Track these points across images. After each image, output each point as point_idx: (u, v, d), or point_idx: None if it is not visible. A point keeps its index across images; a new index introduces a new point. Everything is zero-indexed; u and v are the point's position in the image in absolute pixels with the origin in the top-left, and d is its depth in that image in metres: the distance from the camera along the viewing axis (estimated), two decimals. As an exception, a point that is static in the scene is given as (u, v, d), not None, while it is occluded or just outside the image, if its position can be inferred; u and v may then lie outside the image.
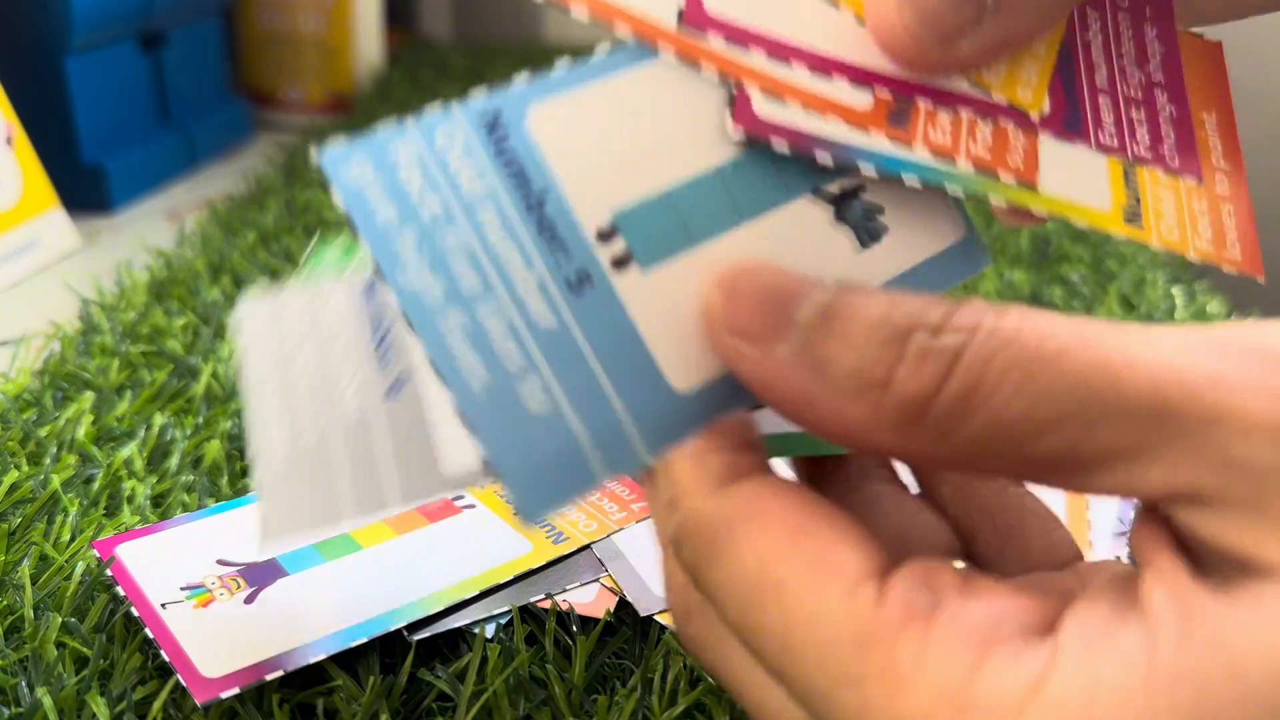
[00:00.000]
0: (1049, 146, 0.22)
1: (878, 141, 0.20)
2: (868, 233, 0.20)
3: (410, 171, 0.17)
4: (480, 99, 0.18)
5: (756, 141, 0.19)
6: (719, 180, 0.19)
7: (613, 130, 0.19)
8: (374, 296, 0.23)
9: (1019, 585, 0.17)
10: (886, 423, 0.16)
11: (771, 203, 0.20)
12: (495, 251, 0.17)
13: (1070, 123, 0.22)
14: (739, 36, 0.20)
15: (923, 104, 0.21)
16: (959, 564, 0.20)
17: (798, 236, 0.20)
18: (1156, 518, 0.16)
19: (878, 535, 0.18)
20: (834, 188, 0.20)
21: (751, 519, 0.17)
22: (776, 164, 0.20)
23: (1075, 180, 0.21)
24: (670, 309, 0.18)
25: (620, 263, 0.18)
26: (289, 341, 0.23)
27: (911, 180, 0.20)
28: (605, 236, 0.18)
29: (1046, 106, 0.22)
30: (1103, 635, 0.15)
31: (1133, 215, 0.21)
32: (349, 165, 0.17)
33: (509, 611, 0.28)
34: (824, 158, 0.19)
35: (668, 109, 0.19)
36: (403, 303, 0.17)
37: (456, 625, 0.28)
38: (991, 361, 0.16)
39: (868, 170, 0.19)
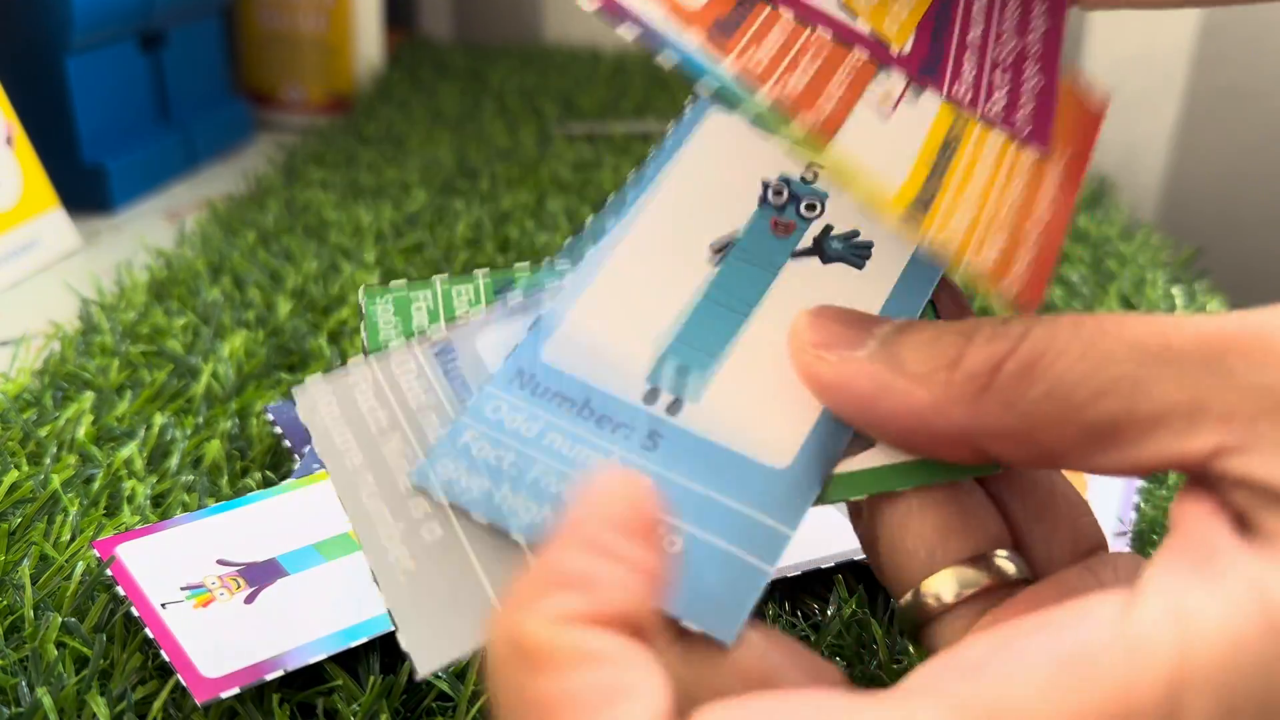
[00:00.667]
0: (865, 120, 0.21)
1: (689, 40, 0.20)
2: (856, 254, 0.23)
3: (481, 446, 0.21)
4: (503, 365, 0.21)
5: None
6: (710, 300, 0.22)
7: (610, 317, 0.22)
8: (449, 357, 0.22)
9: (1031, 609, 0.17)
10: (956, 395, 0.18)
11: (764, 286, 0.22)
12: (577, 460, 0.20)
13: (927, 67, 0.23)
14: None
15: (765, 15, 0.21)
16: (1002, 554, 0.21)
17: (803, 293, 0.22)
18: (1200, 492, 0.17)
19: (928, 527, 0.20)
20: (806, 241, 0.23)
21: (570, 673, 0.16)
22: (748, 258, 0.22)
23: (878, 153, 0.21)
24: (736, 412, 0.21)
25: (673, 408, 0.21)
26: (371, 426, 0.22)
27: (706, 89, 0.20)
28: (651, 399, 0.21)
29: (909, 46, 0.22)
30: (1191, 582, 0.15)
31: (923, 204, 0.21)
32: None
33: (509, 611, 0.28)
34: (631, 31, 0.20)
35: (642, 279, 0.22)
36: (527, 535, 0.20)
37: (456, 625, 0.28)
38: (1056, 334, 0.17)
39: (669, 61, 0.20)
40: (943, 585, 0.20)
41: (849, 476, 0.21)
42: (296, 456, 0.35)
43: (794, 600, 0.30)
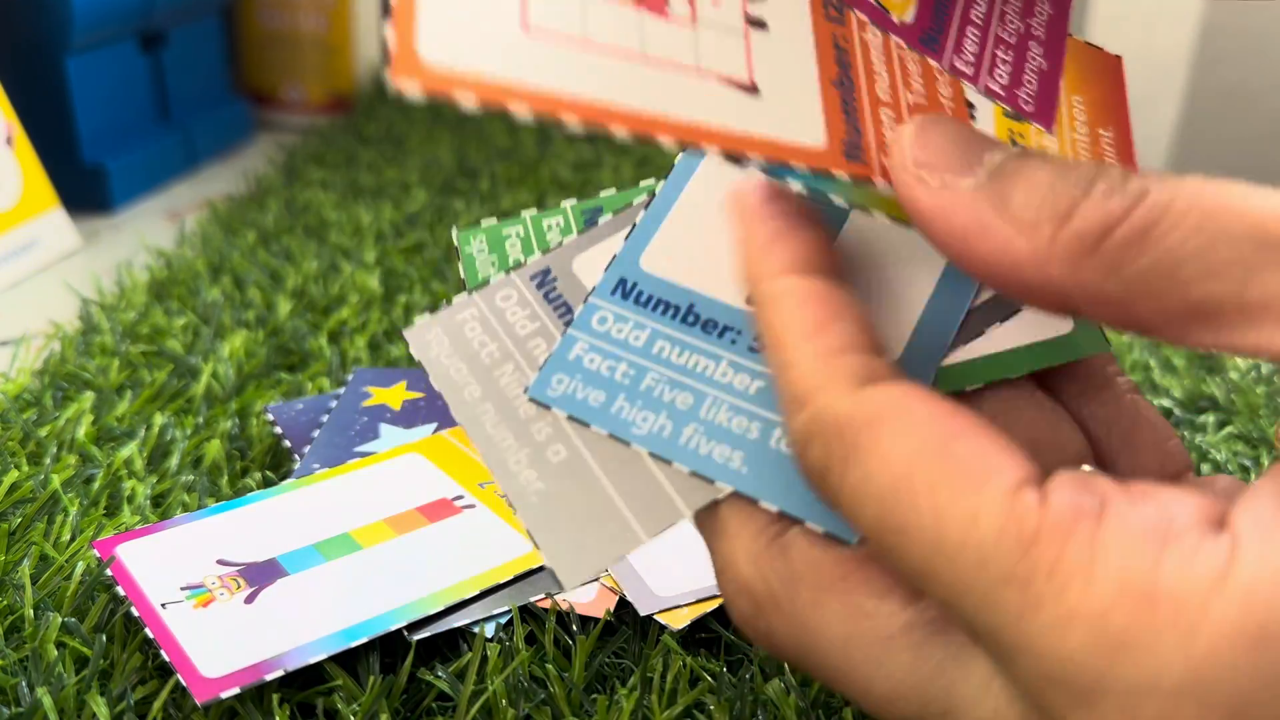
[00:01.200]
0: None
1: (840, 176, 0.20)
2: None
3: (593, 358, 0.21)
4: (603, 276, 0.22)
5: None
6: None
7: (704, 223, 0.22)
8: (549, 282, 0.23)
9: (1179, 486, 0.17)
10: (1059, 253, 0.17)
11: (836, 225, 0.22)
12: (687, 367, 0.21)
13: (927, 38, 0.22)
14: None
15: (868, 108, 0.21)
16: (1088, 469, 0.21)
17: (871, 243, 0.22)
18: None
19: (1017, 437, 0.19)
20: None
21: (899, 420, 0.17)
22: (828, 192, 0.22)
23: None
24: None
25: None
26: (483, 359, 0.22)
27: (845, 200, 0.20)
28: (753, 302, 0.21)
29: (911, 14, 0.22)
30: (1277, 524, 0.15)
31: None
32: None
33: (509, 611, 0.28)
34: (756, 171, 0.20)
35: (718, 191, 0.22)
36: (647, 445, 0.20)
37: (456, 625, 0.28)
38: (1174, 201, 0.16)
39: (798, 187, 0.20)
40: None
41: (960, 367, 0.21)
42: (296, 456, 0.35)
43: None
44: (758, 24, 0.20)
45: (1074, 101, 0.24)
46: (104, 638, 0.27)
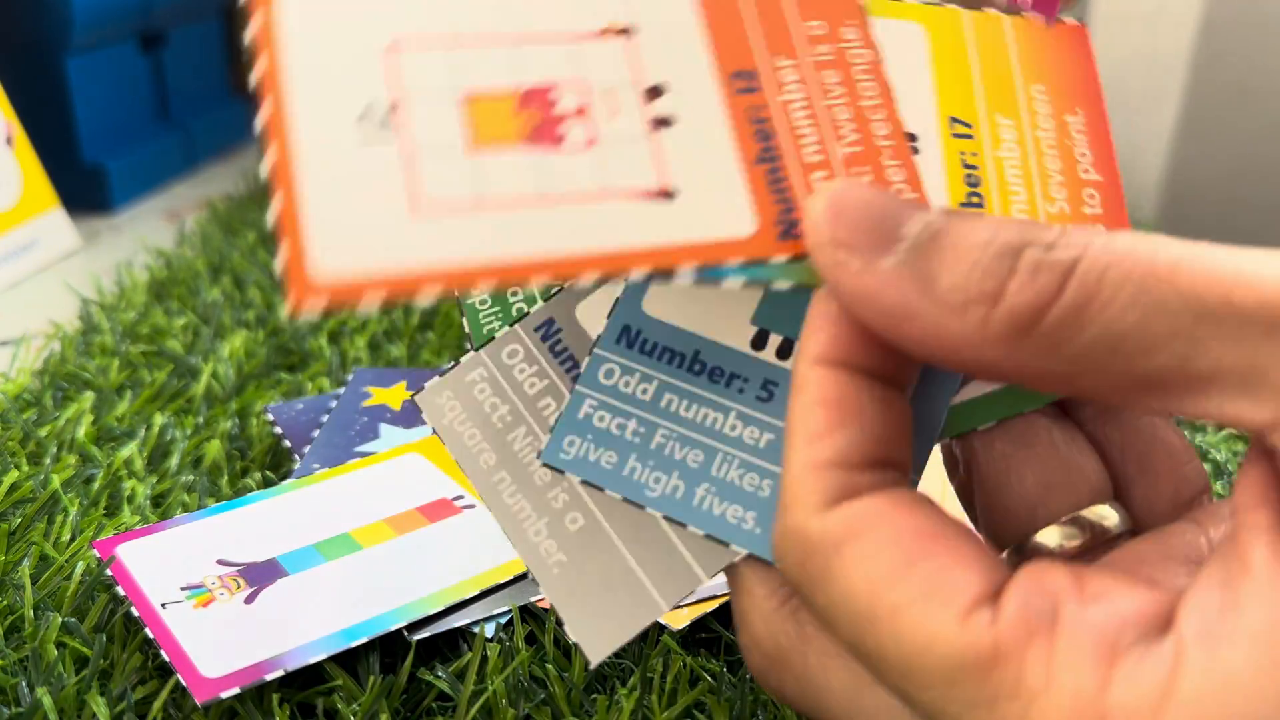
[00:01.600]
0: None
1: (776, 261, 0.19)
2: None
3: (601, 416, 0.21)
4: (607, 325, 0.21)
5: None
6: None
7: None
8: (553, 333, 0.23)
9: (1131, 572, 0.17)
10: (994, 336, 0.16)
11: None
12: (695, 422, 0.20)
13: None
14: None
15: (795, 172, 0.20)
16: (1103, 508, 0.21)
17: None
18: (1262, 463, 0.16)
19: (1028, 482, 0.19)
20: None
21: (860, 541, 0.17)
22: None
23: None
24: None
25: (783, 350, 0.21)
26: (495, 422, 0.22)
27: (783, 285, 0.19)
28: (759, 343, 0.21)
29: None
30: (1220, 624, 0.15)
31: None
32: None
33: (509, 611, 0.28)
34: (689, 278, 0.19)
35: None
36: (661, 508, 0.20)
37: (456, 625, 0.28)
38: (1106, 274, 0.16)
39: (737, 285, 0.19)
40: (1045, 540, 0.20)
41: (971, 404, 0.21)
42: (296, 457, 0.35)
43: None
44: (663, 122, 0.19)
45: (1034, 93, 0.23)
46: (104, 638, 0.27)
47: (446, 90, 0.18)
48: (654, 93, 0.19)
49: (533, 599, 0.29)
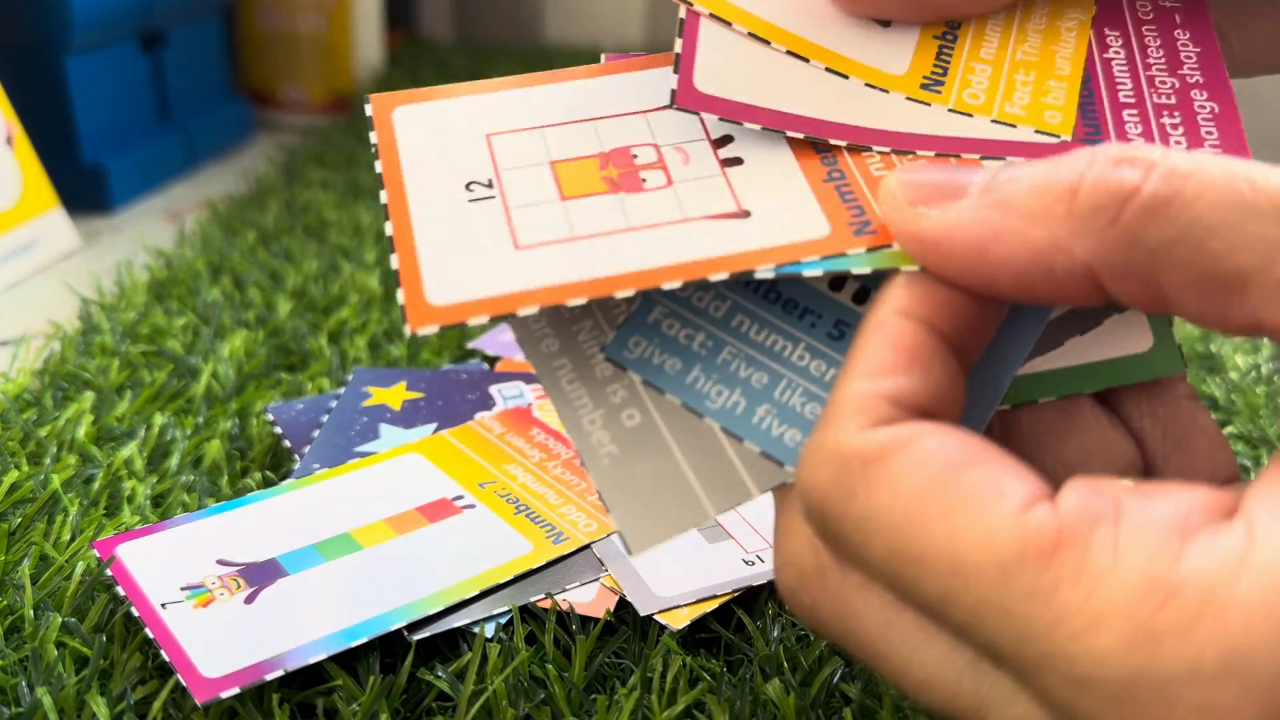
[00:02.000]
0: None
1: (855, 252, 0.20)
2: None
3: (671, 323, 0.21)
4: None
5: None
6: None
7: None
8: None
9: (1190, 482, 0.17)
10: (1078, 228, 0.17)
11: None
12: (764, 346, 0.21)
13: (1089, 142, 0.22)
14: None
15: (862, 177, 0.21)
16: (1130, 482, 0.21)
17: None
18: None
19: (1067, 450, 0.19)
20: None
21: (907, 450, 0.17)
22: None
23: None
24: None
25: (859, 296, 0.21)
26: (563, 312, 0.22)
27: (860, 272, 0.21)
28: (836, 285, 0.21)
29: (1069, 132, 0.22)
30: None
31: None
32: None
33: (509, 611, 0.28)
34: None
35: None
36: (720, 420, 0.20)
37: (456, 625, 0.28)
38: (1192, 172, 0.16)
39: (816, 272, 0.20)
40: None
41: (1034, 378, 0.21)
42: (296, 457, 0.35)
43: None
44: (734, 162, 0.21)
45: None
46: (104, 638, 0.27)
47: (538, 160, 0.21)
48: (723, 141, 0.22)
49: (533, 599, 0.29)
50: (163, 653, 0.26)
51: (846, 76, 0.22)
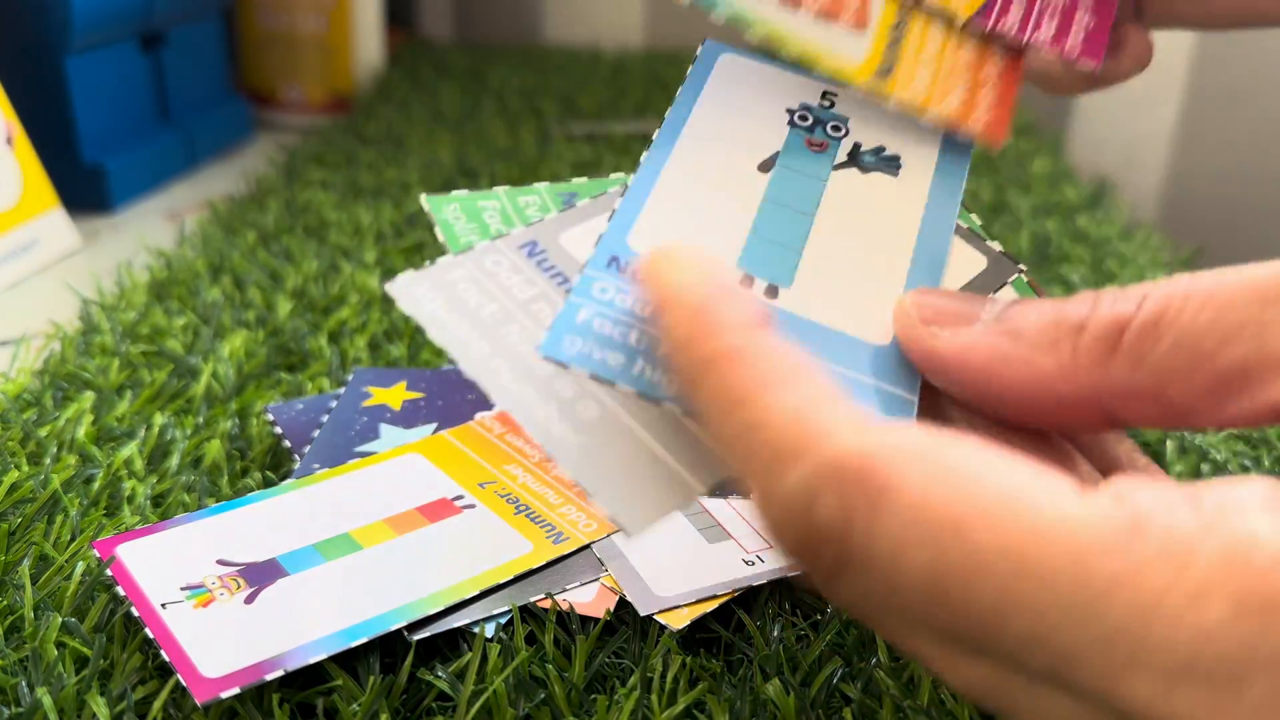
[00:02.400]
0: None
1: None
2: (888, 165, 0.25)
3: (602, 323, 0.21)
4: (594, 251, 0.22)
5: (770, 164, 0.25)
6: (772, 203, 0.24)
7: (683, 218, 0.23)
8: (538, 252, 0.23)
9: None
10: (1084, 361, 0.18)
11: (817, 193, 0.24)
12: None
13: (979, 11, 0.26)
14: None
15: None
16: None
17: (855, 197, 0.24)
18: None
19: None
20: (842, 156, 0.25)
21: (926, 456, 0.15)
22: (795, 168, 0.24)
23: (831, 36, 0.25)
24: (827, 298, 0.22)
25: (770, 292, 0.22)
26: (485, 317, 0.22)
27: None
28: (746, 284, 0.22)
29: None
30: None
31: (885, 71, 0.24)
32: None
33: (509, 611, 0.28)
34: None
35: (697, 191, 0.24)
36: (679, 404, 0.20)
37: (456, 625, 0.28)
38: (1174, 289, 0.18)
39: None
40: None
41: None
42: (296, 456, 0.35)
43: (794, 600, 0.30)
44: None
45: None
46: (104, 638, 0.27)
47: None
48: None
49: (533, 599, 0.29)
50: (163, 653, 0.26)
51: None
